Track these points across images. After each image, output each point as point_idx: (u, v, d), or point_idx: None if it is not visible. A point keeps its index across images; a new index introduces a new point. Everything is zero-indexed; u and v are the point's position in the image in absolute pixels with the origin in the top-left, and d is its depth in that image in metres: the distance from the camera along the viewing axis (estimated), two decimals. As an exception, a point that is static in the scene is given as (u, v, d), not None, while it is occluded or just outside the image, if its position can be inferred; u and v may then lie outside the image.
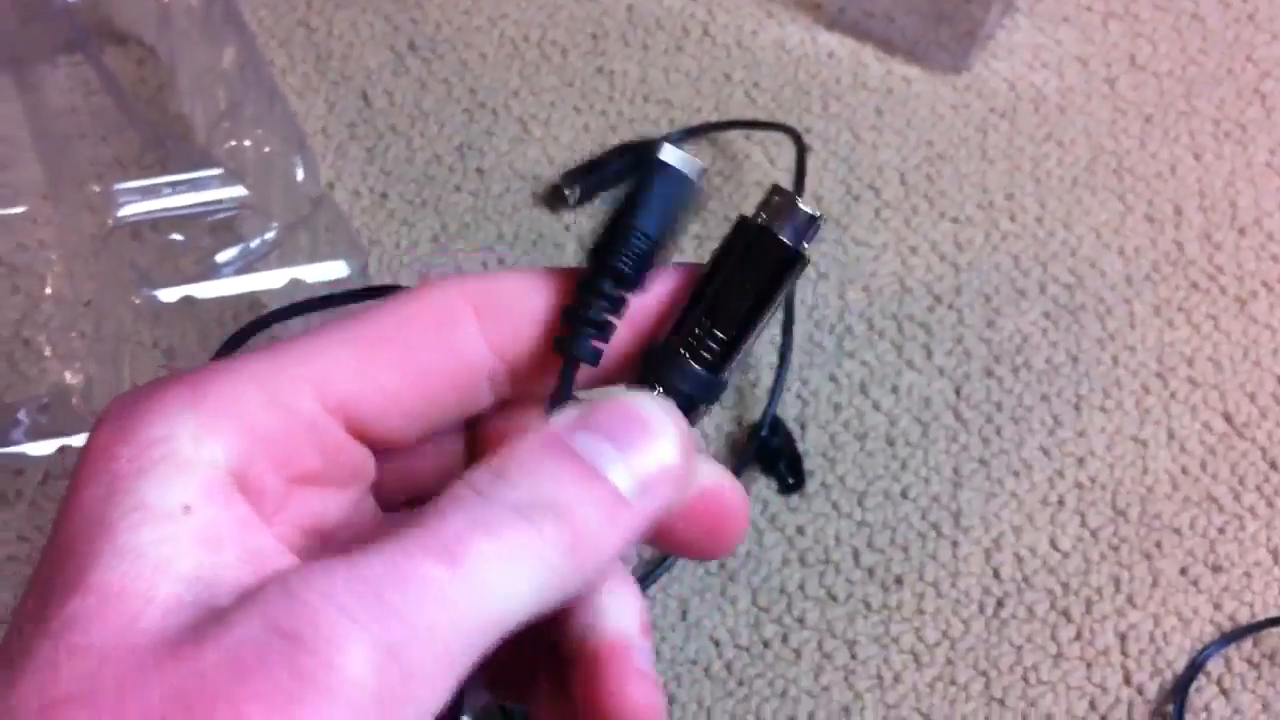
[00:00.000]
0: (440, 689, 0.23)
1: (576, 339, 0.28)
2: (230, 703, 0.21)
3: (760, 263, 0.29)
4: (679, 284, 0.29)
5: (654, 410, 0.26)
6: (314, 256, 0.50)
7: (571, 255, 0.64)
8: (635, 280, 0.29)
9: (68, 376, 0.53)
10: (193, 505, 0.24)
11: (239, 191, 0.51)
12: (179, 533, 0.24)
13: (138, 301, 0.48)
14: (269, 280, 0.48)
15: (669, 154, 0.29)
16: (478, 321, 0.28)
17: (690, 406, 0.28)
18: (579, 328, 0.28)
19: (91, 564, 0.23)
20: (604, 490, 0.25)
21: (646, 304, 0.29)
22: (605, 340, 0.29)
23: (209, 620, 0.22)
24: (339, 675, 0.21)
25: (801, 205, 0.29)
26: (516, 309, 0.29)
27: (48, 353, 0.54)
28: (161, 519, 0.24)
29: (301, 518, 0.27)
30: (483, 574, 0.23)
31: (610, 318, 0.29)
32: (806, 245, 0.29)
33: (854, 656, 0.53)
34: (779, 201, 0.29)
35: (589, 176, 0.66)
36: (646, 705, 0.28)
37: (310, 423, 0.27)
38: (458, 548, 0.23)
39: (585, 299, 0.28)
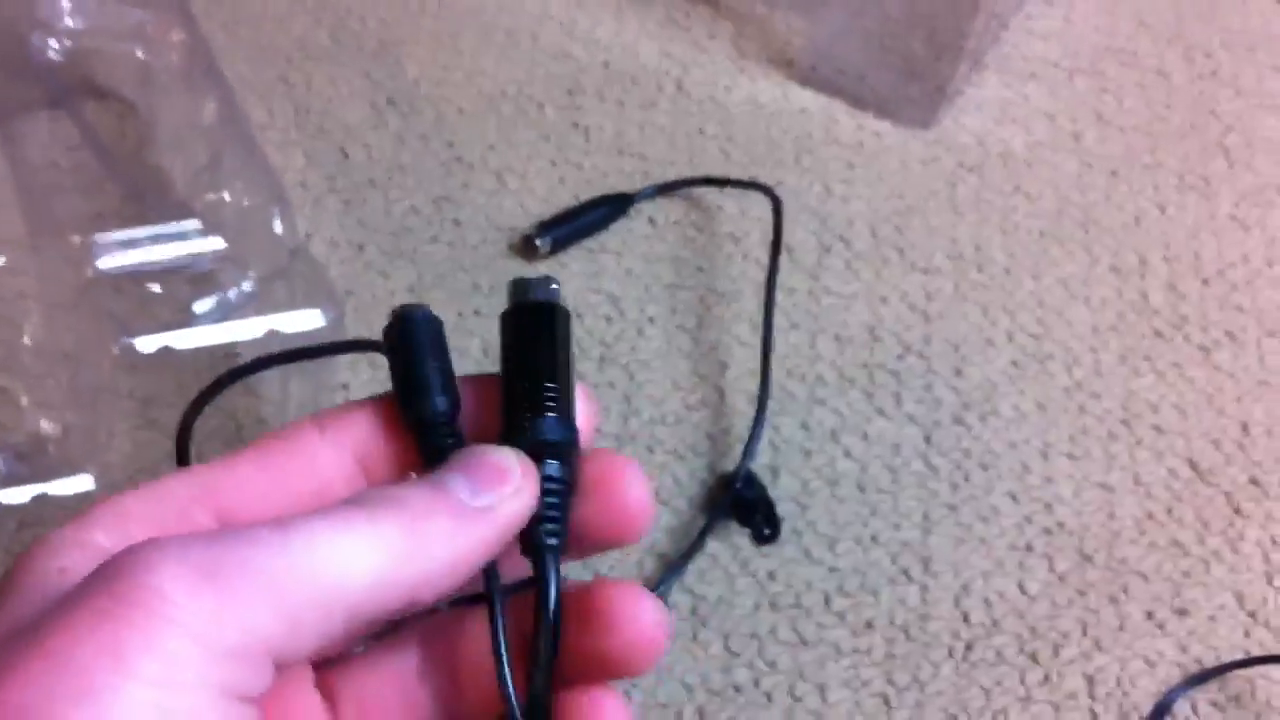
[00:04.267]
0: (266, 623, 0.24)
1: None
2: (54, 622, 0.23)
3: (536, 326, 0.32)
4: (488, 388, 0.31)
5: (496, 449, 0.29)
6: (291, 307, 0.51)
7: (546, 306, 0.65)
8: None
9: (45, 425, 0.53)
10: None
11: (217, 244, 0.52)
12: None
13: (116, 351, 0.48)
14: (247, 330, 0.49)
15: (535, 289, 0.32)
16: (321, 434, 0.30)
17: (560, 452, 0.30)
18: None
19: None
20: (443, 494, 0.27)
21: (474, 413, 0.31)
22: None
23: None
24: (151, 591, 0.23)
25: (532, 276, 0.33)
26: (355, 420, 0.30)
27: (24, 401, 0.54)
28: None
29: None
30: (311, 538, 0.25)
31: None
32: (556, 298, 0.32)
33: (825, 700, 0.54)
34: (518, 284, 0.33)
35: (560, 227, 0.67)
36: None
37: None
38: (289, 522, 0.25)
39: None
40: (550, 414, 0.30)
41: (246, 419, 0.60)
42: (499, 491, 0.28)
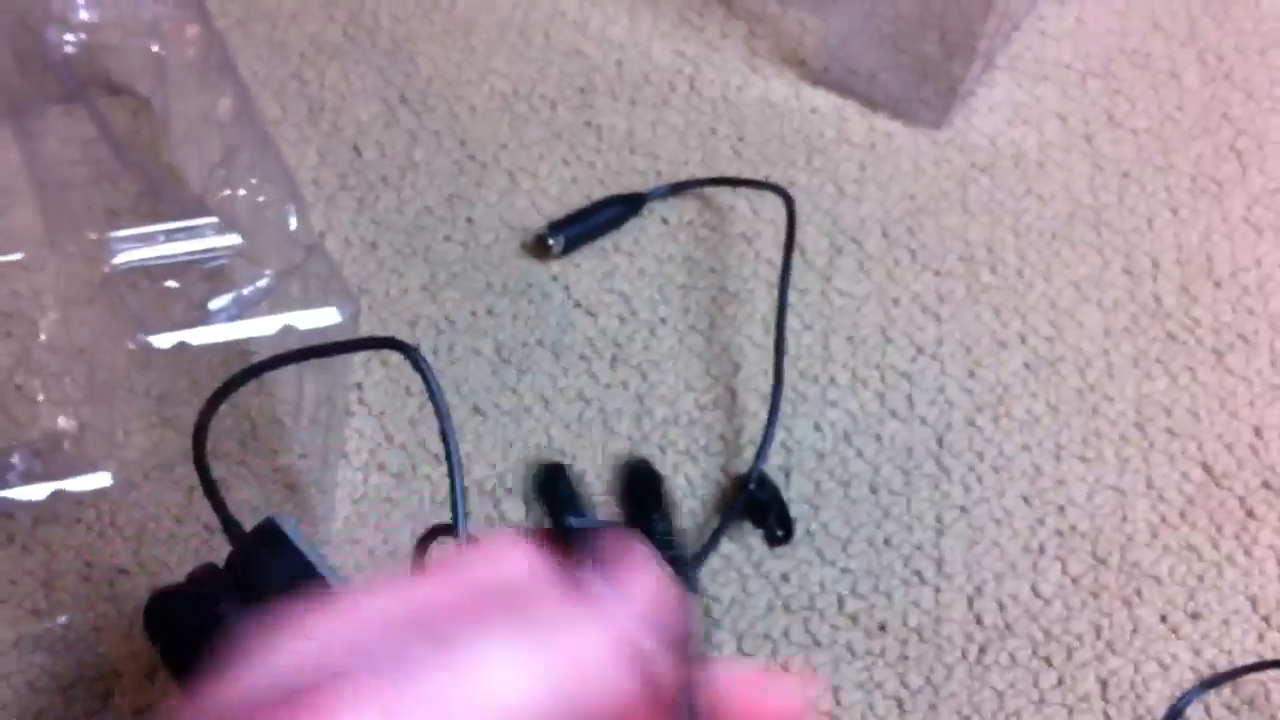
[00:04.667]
0: None
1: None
2: None
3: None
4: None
5: None
6: (306, 304, 0.51)
7: (558, 305, 0.65)
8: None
9: (61, 421, 0.53)
10: None
11: (233, 240, 0.52)
12: None
13: (132, 347, 0.48)
14: (262, 327, 0.49)
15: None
16: None
17: None
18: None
19: None
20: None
21: None
22: None
23: None
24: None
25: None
26: None
27: (41, 398, 0.54)
28: None
29: None
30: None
31: None
32: None
33: (838, 703, 0.54)
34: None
35: (573, 226, 0.67)
36: None
37: None
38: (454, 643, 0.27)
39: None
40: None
41: (260, 418, 0.60)
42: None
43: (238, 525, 0.47)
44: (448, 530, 0.48)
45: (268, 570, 0.44)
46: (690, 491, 0.59)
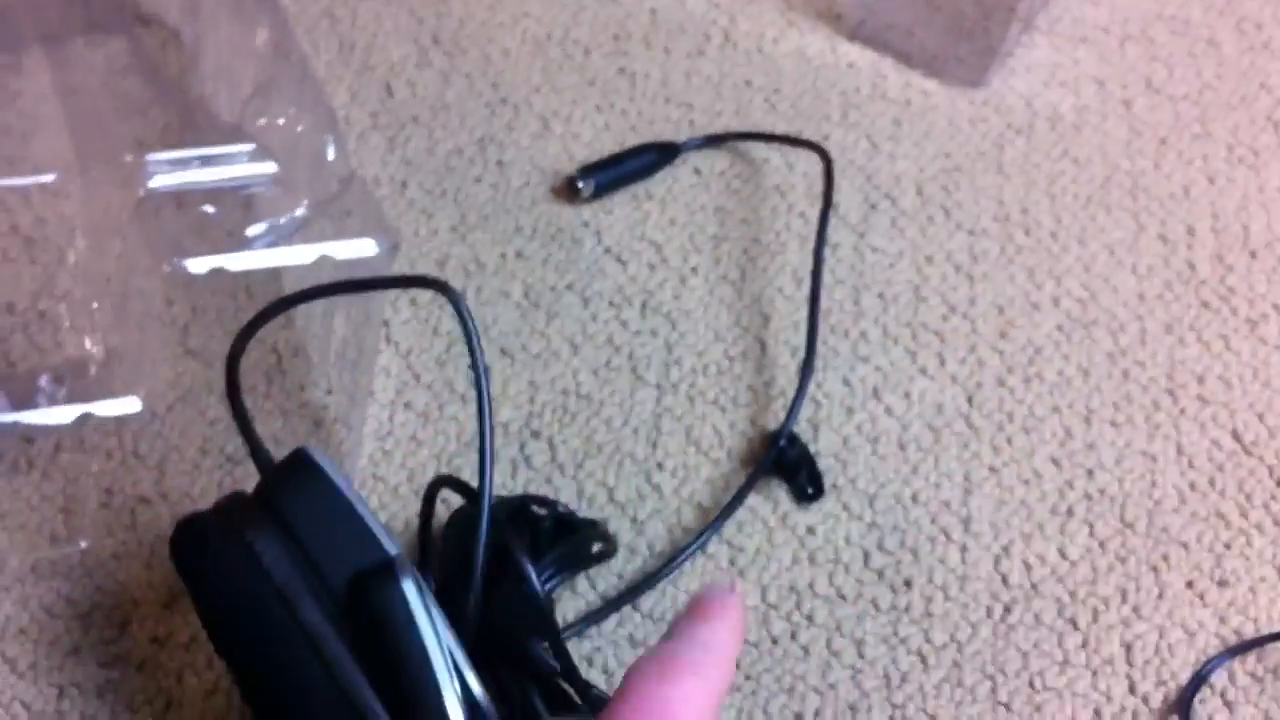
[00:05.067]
0: None
1: None
2: None
3: None
4: None
5: None
6: (342, 235, 0.50)
7: (590, 251, 0.65)
8: None
9: (87, 347, 0.52)
10: None
11: (270, 168, 0.51)
12: None
13: (167, 270, 0.48)
14: (299, 255, 0.48)
15: None
16: None
17: None
18: None
19: None
20: None
21: None
22: None
23: None
24: None
25: None
26: None
27: (66, 324, 0.54)
28: None
29: None
30: None
31: None
32: None
33: (861, 656, 0.54)
34: None
35: (604, 171, 0.67)
36: None
37: None
38: None
39: None
40: None
41: (285, 351, 0.59)
42: None
43: (268, 456, 0.47)
44: (454, 483, 0.48)
45: (298, 501, 0.43)
46: (717, 442, 0.59)
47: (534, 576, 0.43)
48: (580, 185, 0.66)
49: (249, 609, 0.41)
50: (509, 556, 0.43)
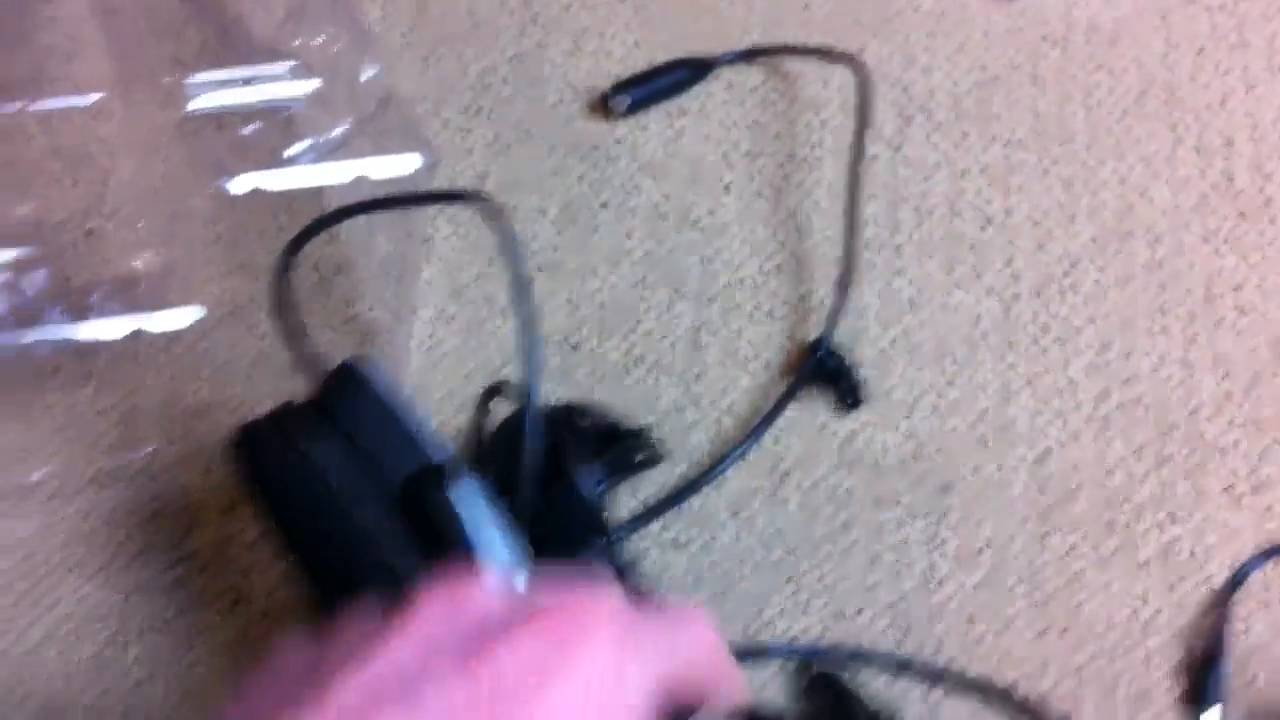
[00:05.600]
0: None
1: None
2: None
3: None
4: None
5: None
6: (381, 153, 0.50)
7: (625, 167, 0.65)
8: None
9: (137, 263, 0.53)
10: None
11: (309, 87, 0.52)
12: None
13: (211, 190, 0.48)
14: (339, 172, 0.49)
15: None
16: None
17: None
18: None
19: None
20: None
21: None
22: None
23: None
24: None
25: None
26: None
27: (115, 241, 0.55)
28: None
29: None
30: None
31: None
32: None
33: (901, 558, 0.54)
34: None
35: (638, 87, 0.67)
36: None
37: None
38: None
39: None
40: None
41: (329, 268, 0.60)
42: None
43: (319, 367, 0.47)
44: (504, 389, 0.49)
45: (351, 409, 0.44)
46: (754, 354, 0.60)
47: (585, 478, 0.44)
48: (614, 102, 0.66)
49: (309, 510, 0.42)
50: (560, 459, 0.44)
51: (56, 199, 0.56)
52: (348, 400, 0.45)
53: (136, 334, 0.50)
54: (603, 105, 0.67)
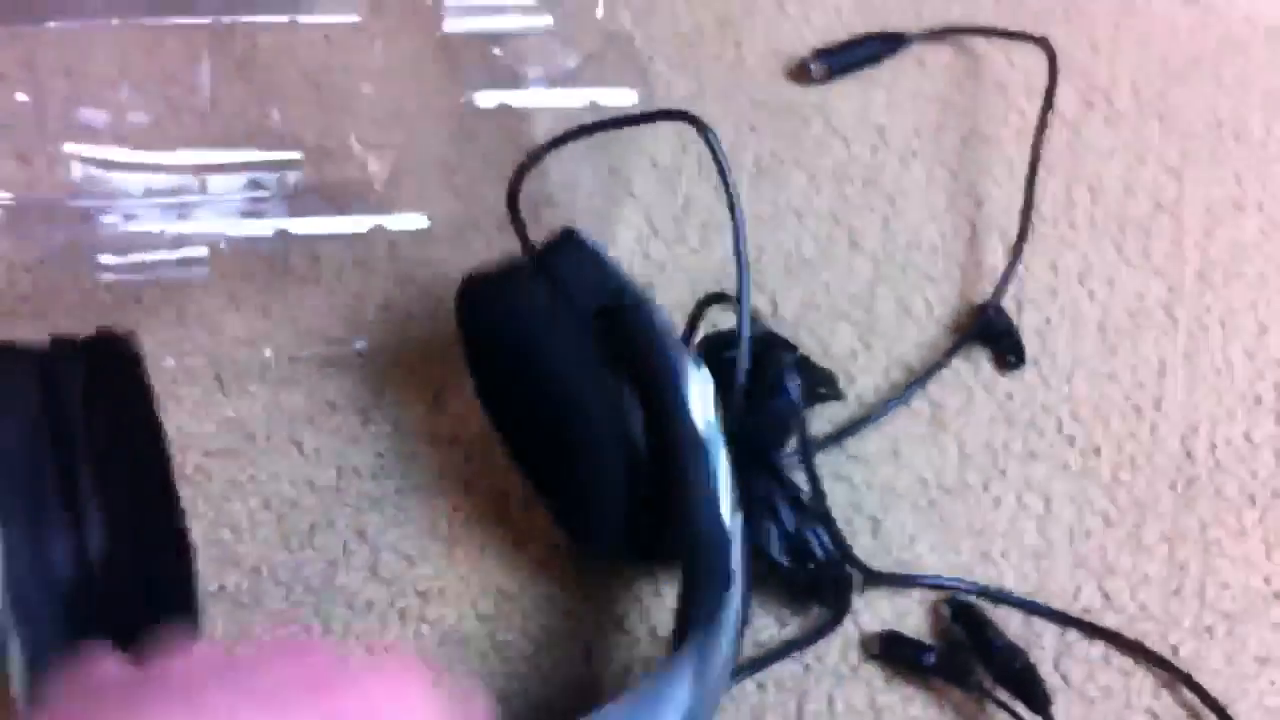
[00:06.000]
0: None
1: None
2: None
3: None
4: None
5: None
6: (606, 85, 0.56)
7: (817, 130, 0.69)
8: None
9: (371, 164, 0.58)
10: None
11: (547, 19, 0.57)
12: None
13: (454, 106, 0.54)
14: (572, 98, 0.54)
15: None
16: None
17: None
18: None
19: None
20: None
21: None
22: None
23: None
24: None
25: None
26: None
27: (354, 142, 0.60)
28: None
29: None
30: None
31: None
32: None
33: (1049, 511, 0.58)
34: None
35: (836, 56, 0.71)
36: None
37: None
38: None
39: None
40: None
41: (536, 199, 0.65)
42: None
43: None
44: (721, 299, 0.54)
45: (571, 269, 0.50)
46: (926, 310, 0.64)
47: (791, 382, 0.49)
48: (812, 68, 0.70)
49: (525, 358, 0.47)
50: (764, 367, 0.49)
51: (309, 106, 0.61)
52: (571, 261, 0.50)
53: (364, 236, 0.56)
54: (800, 70, 0.71)
